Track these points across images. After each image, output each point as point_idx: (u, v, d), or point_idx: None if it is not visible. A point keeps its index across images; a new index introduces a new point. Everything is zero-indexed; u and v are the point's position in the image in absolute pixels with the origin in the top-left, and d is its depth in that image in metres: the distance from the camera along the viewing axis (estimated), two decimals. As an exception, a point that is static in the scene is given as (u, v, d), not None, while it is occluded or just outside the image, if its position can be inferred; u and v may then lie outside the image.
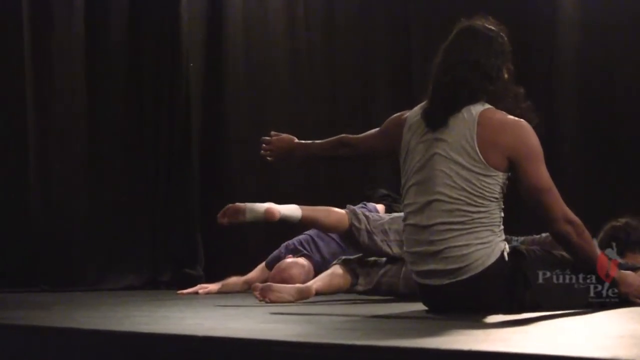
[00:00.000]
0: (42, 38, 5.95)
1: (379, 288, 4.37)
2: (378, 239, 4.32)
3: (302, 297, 4.15)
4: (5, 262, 5.69)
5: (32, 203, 5.83)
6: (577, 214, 3.32)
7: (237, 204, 4.10)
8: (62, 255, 5.85)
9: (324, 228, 4.55)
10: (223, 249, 6.24)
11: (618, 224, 4.21)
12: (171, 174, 6.21)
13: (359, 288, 4.39)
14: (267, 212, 4.10)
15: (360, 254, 4.46)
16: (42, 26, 5.95)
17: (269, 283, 4.18)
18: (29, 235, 5.79)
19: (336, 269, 4.40)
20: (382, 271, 4.36)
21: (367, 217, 4.36)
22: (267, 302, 3.98)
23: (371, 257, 4.43)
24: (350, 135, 3.81)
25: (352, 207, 4.42)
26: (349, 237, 4.40)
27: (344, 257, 4.48)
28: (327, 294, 4.31)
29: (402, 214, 3.71)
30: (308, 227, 4.87)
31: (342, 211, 4.34)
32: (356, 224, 4.31)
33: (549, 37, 6.01)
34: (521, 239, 4.26)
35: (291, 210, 4.20)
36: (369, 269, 4.39)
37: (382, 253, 4.39)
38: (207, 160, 6.40)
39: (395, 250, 4.34)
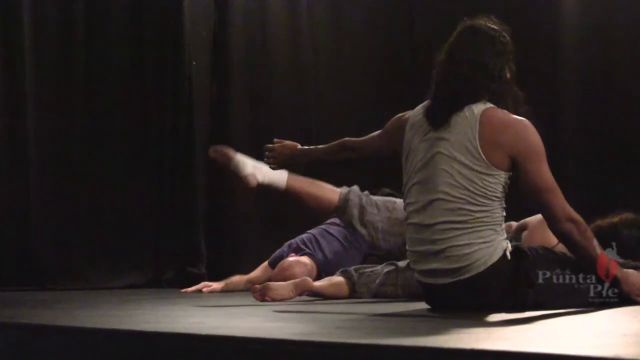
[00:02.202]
0: (42, 36, 5.94)
1: (377, 297, 4.36)
2: (364, 232, 4.33)
3: (300, 290, 4.13)
4: (7, 261, 5.69)
5: (33, 202, 5.81)
6: (578, 211, 3.33)
7: (230, 151, 4.19)
8: (64, 254, 5.84)
9: (307, 207, 4.52)
10: (226, 247, 6.23)
11: (614, 229, 4.17)
12: (174, 173, 6.20)
13: (359, 297, 4.37)
14: (245, 178, 4.11)
15: (358, 266, 4.45)
16: (42, 25, 5.94)
17: (267, 283, 4.18)
18: (31, 234, 5.78)
19: (335, 278, 4.38)
20: (379, 281, 4.32)
21: (363, 208, 4.32)
22: (267, 301, 3.99)
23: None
24: (353, 139, 3.82)
25: (355, 192, 4.36)
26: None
27: (342, 269, 4.45)
28: (325, 297, 4.29)
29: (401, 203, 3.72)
30: (293, 200, 4.71)
31: (335, 196, 4.32)
32: (340, 215, 4.35)
33: (551, 35, 6.01)
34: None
35: (276, 178, 4.19)
36: (367, 279, 4.35)
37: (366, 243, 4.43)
38: (210, 159, 6.38)
39: (384, 246, 4.35)
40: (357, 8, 6.60)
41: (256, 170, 4.13)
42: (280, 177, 4.18)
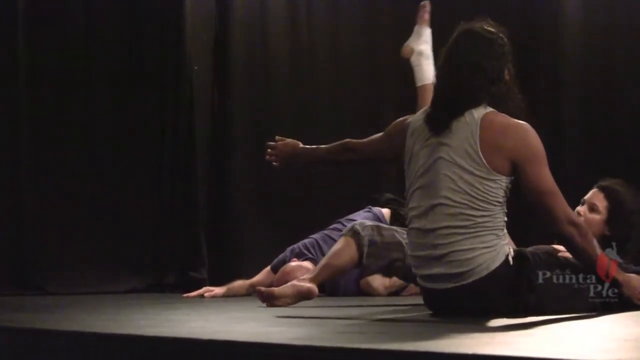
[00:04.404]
0: (41, 36, 5.93)
1: (386, 271, 4.24)
2: None
3: (303, 298, 4.03)
4: (5, 265, 5.68)
5: (32, 203, 5.80)
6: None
7: (427, 20, 4.99)
8: (65, 258, 5.83)
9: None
10: (227, 252, 6.23)
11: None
12: (175, 177, 6.19)
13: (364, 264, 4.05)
14: (407, 46, 4.93)
15: (373, 225, 4.21)
16: (41, 24, 5.93)
17: (272, 288, 4.12)
18: (29, 237, 5.77)
19: (343, 244, 3.99)
20: (391, 257, 4.09)
21: None
22: (269, 306, 3.96)
23: None
24: (354, 140, 3.81)
25: None
26: None
27: (352, 230, 3.98)
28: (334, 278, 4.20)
29: None
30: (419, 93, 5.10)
31: None
32: None
33: (552, 36, 6.01)
34: None
35: (421, 75, 4.79)
36: (376, 250, 3.98)
37: None
38: (212, 163, 6.39)
39: None
40: (357, 8, 6.59)
41: (417, 53, 4.78)
42: (424, 77, 4.69)
